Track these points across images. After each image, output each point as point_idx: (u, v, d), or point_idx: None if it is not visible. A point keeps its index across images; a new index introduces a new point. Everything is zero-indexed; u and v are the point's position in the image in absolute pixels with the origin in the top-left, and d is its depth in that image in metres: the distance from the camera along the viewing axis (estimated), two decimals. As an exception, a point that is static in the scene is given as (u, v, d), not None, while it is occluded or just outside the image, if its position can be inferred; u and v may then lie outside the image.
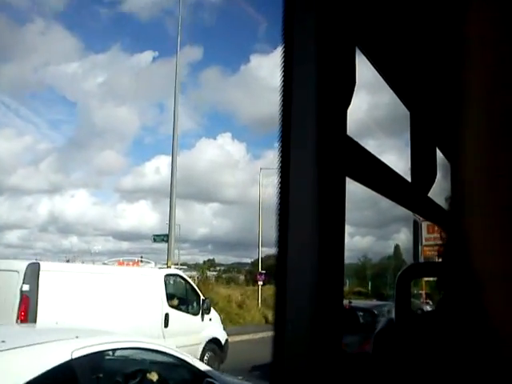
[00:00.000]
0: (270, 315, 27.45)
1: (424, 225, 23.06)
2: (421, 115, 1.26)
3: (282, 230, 0.60)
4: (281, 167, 0.61)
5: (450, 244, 0.78)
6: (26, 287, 7.90)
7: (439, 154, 1.38)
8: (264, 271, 37.41)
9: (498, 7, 0.33)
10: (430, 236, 23.40)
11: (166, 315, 10.51)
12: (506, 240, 0.32)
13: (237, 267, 66.85)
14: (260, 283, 34.23)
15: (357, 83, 0.74)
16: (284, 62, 0.62)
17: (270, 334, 0.58)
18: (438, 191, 1.32)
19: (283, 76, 0.62)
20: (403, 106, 1.18)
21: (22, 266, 8.14)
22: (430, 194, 1.29)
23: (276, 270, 0.60)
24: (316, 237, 0.59)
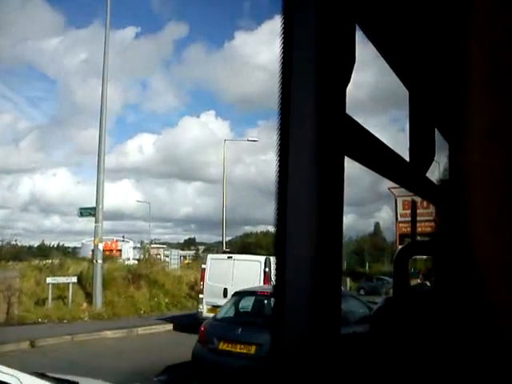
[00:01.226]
0: None
1: (400, 200, 22.92)
2: (420, 95, 1.25)
3: (281, 210, 0.60)
4: (279, 146, 0.61)
5: (447, 223, 0.78)
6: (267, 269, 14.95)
7: (438, 135, 1.38)
8: (228, 249, 36.47)
9: None
10: (406, 212, 23.28)
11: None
12: (503, 219, 0.33)
13: (217, 246, 67.10)
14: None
15: (356, 61, 0.73)
16: (283, 39, 0.61)
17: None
18: (436, 171, 1.32)
19: (282, 54, 0.62)
20: (402, 86, 1.18)
21: (261, 258, 15.72)
22: (427, 174, 1.29)
23: (275, 250, 0.60)
24: (315, 215, 0.59)
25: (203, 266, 16.95)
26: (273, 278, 0.59)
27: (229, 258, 16.10)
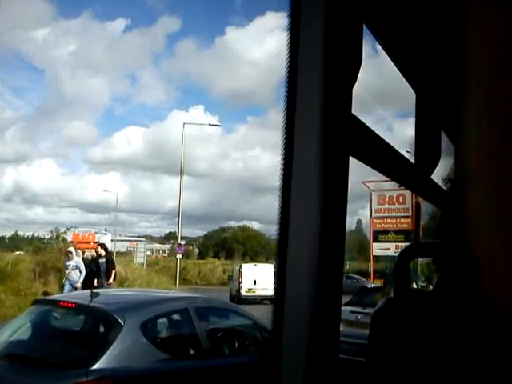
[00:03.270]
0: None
1: (375, 195, 22.57)
2: (427, 97, 1.25)
3: (285, 209, 0.60)
4: (285, 145, 0.61)
5: (449, 226, 0.78)
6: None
7: (444, 137, 1.38)
8: (183, 242, 36.11)
9: None
10: (381, 207, 22.92)
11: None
12: (506, 224, 0.33)
13: (196, 240, 66.53)
14: (178, 256, 32.19)
15: (363, 62, 0.73)
16: (291, 38, 0.62)
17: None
18: (441, 174, 1.31)
19: (289, 53, 0.62)
20: (409, 87, 1.18)
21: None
22: (432, 177, 1.29)
23: (277, 249, 0.60)
24: (318, 215, 0.59)
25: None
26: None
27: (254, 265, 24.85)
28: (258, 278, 22.89)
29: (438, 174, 1.30)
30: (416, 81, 1.17)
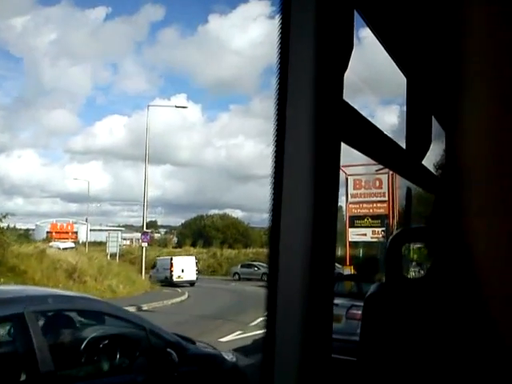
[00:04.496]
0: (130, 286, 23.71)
1: (351, 180, 22.47)
2: (417, 82, 1.25)
3: (277, 196, 0.60)
4: (276, 132, 0.61)
5: (441, 210, 0.79)
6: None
7: (434, 123, 1.38)
8: (149, 231, 34.58)
9: None
10: (357, 192, 22.83)
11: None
12: (498, 207, 0.33)
13: (176, 229, 66.12)
14: (144, 244, 31.29)
15: (354, 47, 0.73)
16: (281, 25, 0.61)
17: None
18: (432, 159, 1.32)
19: (280, 40, 0.61)
20: (400, 73, 1.18)
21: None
22: (423, 162, 1.29)
23: (270, 240, 0.60)
24: (310, 202, 0.59)
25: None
26: None
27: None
28: (185, 268, 30.01)
29: (430, 159, 1.30)
30: (407, 66, 1.17)
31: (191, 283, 29.64)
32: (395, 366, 0.73)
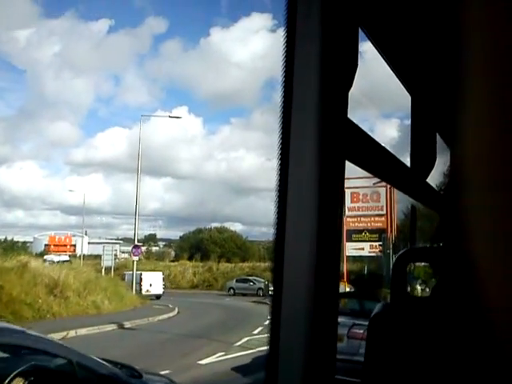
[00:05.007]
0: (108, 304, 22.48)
1: (348, 192, 22.17)
2: (422, 100, 1.25)
3: (281, 213, 0.60)
4: (281, 149, 0.60)
5: (446, 230, 0.78)
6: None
7: (439, 140, 1.38)
8: (140, 244, 34.84)
9: None
10: (354, 205, 22.53)
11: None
12: (503, 227, 0.32)
13: (175, 242, 65.58)
14: (135, 258, 31.34)
15: (359, 66, 0.73)
16: (287, 42, 0.61)
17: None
18: (437, 176, 1.31)
19: (285, 57, 0.61)
20: (405, 91, 1.18)
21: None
22: (428, 179, 1.29)
23: (274, 256, 0.59)
24: (315, 219, 0.59)
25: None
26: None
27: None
28: (153, 283, 32.07)
29: (434, 178, 1.30)
30: (411, 84, 1.17)
31: (157, 297, 31.13)
32: None
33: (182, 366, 11.13)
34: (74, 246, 55.41)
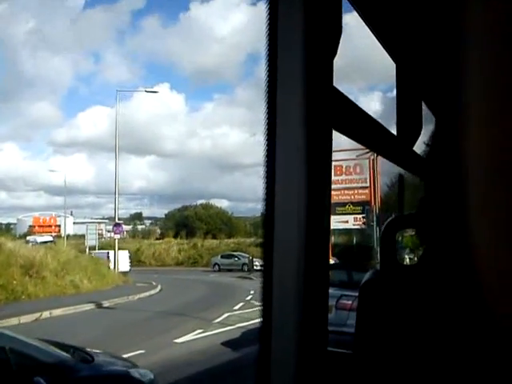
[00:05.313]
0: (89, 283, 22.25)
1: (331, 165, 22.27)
2: (407, 68, 1.24)
3: (270, 185, 0.59)
4: (267, 119, 0.60)
5: (432, 197, 0.78)
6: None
7: (425, 108, 1.37)
8: (121, 222, 34.57)
9: None
10: (338, 178, 22.63)
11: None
12: (493, 192, 0.32)
13: (161, 220, 65.44)
14: (116, 236, 31.29)
15: (343, 33, 0.72)
16: (269, 10, 0.60)
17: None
18: (423, 145, 1.31)
19: (269, 26, 0.60)
20: (389, 58, 1.17)
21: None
22: (414, 148, 1.29)
23: (264, 231, 0.59)
24: (303, 191, 0.59)
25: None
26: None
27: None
28: (120, 260, 32.18)
29: (420, 145, 1.30)
30: (396, 51, 1.16)
31: (124, 274, 31.51)
32: (394, 357, 0.73)
33: (156, 345, 10.96)
34: (59, 226, 55.18)
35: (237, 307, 16.65)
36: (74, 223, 56.15)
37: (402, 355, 0.70)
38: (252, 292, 20.80)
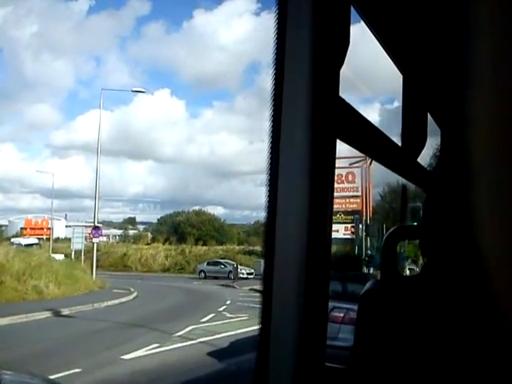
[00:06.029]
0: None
1: None
2: (414, 79, 1.25)
3: (272, 193, 0.60)
4: (272, 128, 0.60)
5: (435, 208, 0.78)
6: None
7: (430, 120, 1.37)
8: (100, 224, 32.20)
9: None
10: (337, 186, 22.30)
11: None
12: (496, 201, 0.32)
13: (154, 225, 65.19)
14: (95, 240, 28.89)
15: (351, 44, 0.72)
16: (278, 20, 0.61)
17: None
18: (428, 156, 1.31)
19: (277, 35, 0.61)
20: (396, 69, 1.17)
21: None
22: (419, 159, 1.29)
23: (265, 237, 0.59)
24: (306, 199, 0.59)
25: None
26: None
27: None
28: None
29: (424, 157, 1.30)
30: (403, 63, 1.16)
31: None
32: (393, 373, 0.72)
33: (98, 363, 9.75)
34: (51, 229, 55.16)
35: (205, 319, 15.73)
36: (66, 226, 55.94)
37: (402, 370, 0.70)
38: (228, 302, 20.16)
